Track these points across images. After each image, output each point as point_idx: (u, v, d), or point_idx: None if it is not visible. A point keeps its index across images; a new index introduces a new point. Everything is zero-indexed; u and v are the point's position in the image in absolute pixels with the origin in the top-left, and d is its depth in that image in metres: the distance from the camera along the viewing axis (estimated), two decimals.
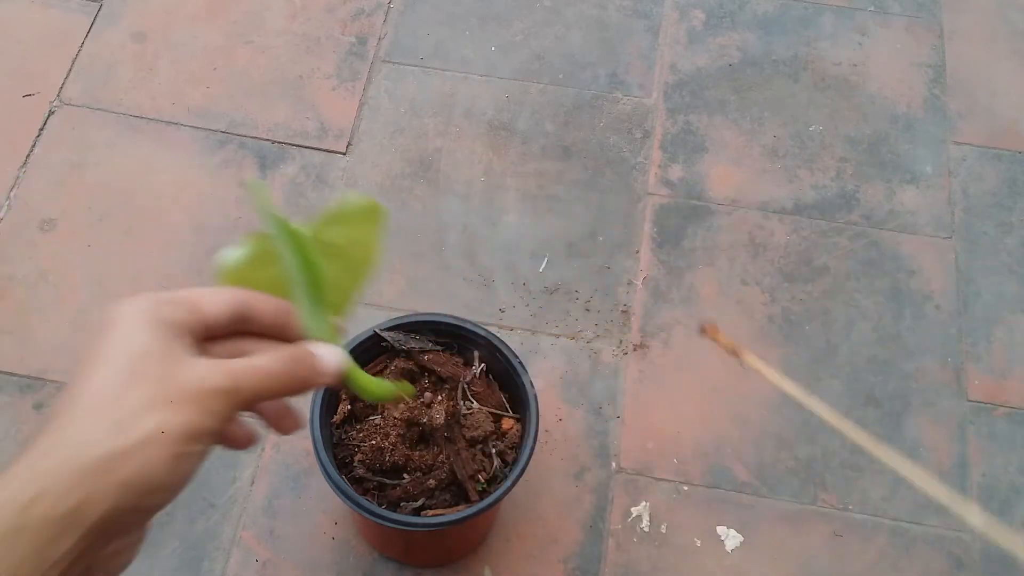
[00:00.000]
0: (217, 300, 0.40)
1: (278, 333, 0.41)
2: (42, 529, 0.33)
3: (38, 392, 0.75)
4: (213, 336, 0.39)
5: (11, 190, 0.85)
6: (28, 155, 0.87)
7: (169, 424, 0.35)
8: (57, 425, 0.35)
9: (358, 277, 0.43)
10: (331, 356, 0.40)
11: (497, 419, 0.63)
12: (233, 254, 0.40)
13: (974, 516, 0.70)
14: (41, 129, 0.88)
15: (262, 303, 0.41)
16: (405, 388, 0.45)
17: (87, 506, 0.34)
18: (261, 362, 0.38)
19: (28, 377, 0.76)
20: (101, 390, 0.36)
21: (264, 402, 0.40)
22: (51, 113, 0.89)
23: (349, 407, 0.61)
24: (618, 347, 0.79)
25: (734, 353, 0.48)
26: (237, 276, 0.41)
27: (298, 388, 0.40)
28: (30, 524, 0.33)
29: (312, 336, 0.40)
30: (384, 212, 0.41)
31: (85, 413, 0.35)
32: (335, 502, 0.71)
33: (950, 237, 0.87)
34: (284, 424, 0.42)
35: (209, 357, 0.38)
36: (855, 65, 0.96)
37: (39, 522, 0.33)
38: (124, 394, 0.36)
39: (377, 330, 0.62)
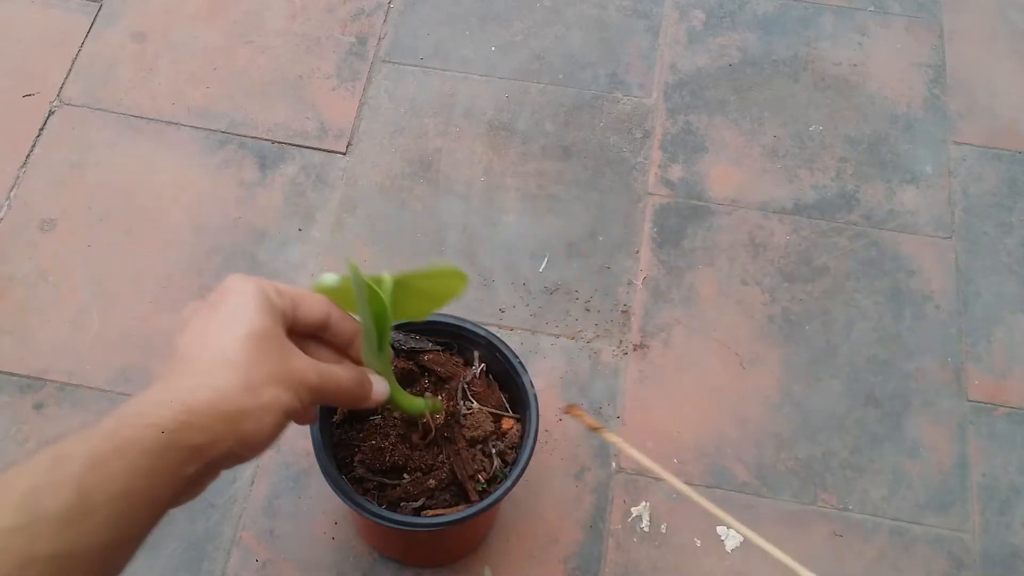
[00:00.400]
0: (314, 306, 0.48)
1: (341, 348, 0.50)
2: (182, 452, 0.40)
3: (38, 392, 0.75)
4: (294, 331, 0.47)
5: (11, 190, 0.85)
6: (28, 155, 0.87)
7: (280, 399, 0.43)
8: (194, 368, 0.42)
9: (437, 305, 0.53)
10: (381, 388, 0.51)
11: (497, 419, 0.63)
12: (330, 279, 0.49)
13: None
14: (41, 129, 0.88)
15: (341, 321, 0.49)
16: (436, 406, 0.55)
17: (214, 444, 0.41)
18: (340, 373, 0.48)
19: (28, 377, 0.76)
20: (235, 353, 0.43)
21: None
22: (51, 113, 0.89)
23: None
24: (618, 347, 0.79)
25: (596, 430, 0.54)
26: (329, 295, 0.50)
27: (351, 403, 0.50)
28: (176, 446, 0.40)
29: (369, 364, 0.50)
30: (466, 277, 0.51)
31: (223, 367, 0.43)
32: (335, 502, 0.71)
33: (950, 237, 0.87)
34: (308, 416, 0.52)
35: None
36: (855, 65, 0.96)
37: (183, 446, 0.40)
38: (255, 365, 0.43)
39: None
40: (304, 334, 0.48)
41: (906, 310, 0.83)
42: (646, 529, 0.72)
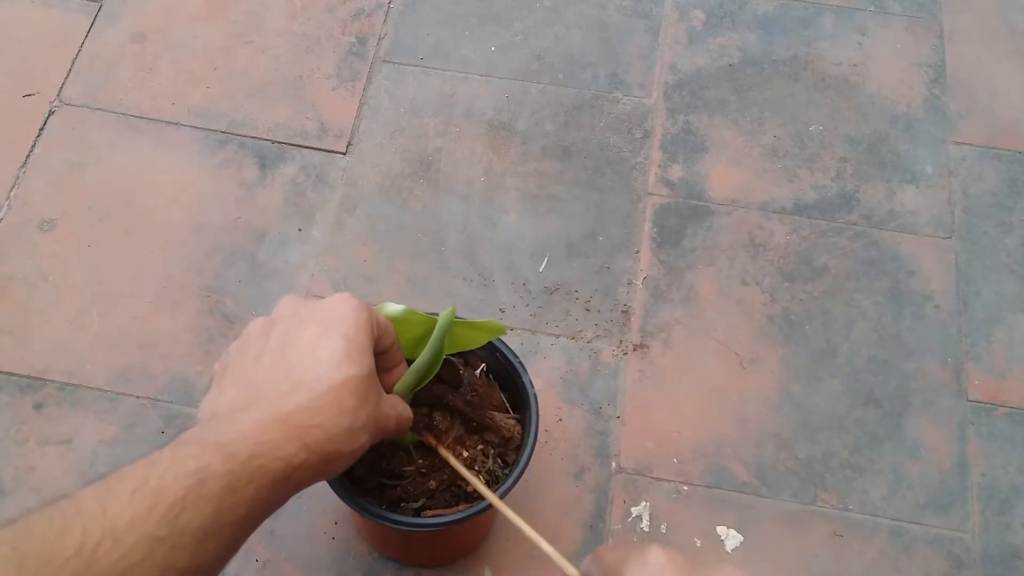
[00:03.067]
0: (389, 334, 0.52)
1: (383, 371, 0.53)
2: (290, 487, 0.44)
3: (38, 392, 0.75)
4: None
5: (11, 190, 0.85)
6: (28, 155, 0.87)
7: (365, 444, 0.47)
8: (311, 401, 0.45)
9: (468, 346, 0.60)
10: (410, 420, 0.54)
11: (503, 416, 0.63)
12: (393, 309, 0.54)
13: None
14: (41, 129, 0.88)
15: (396, 352, 0.53)
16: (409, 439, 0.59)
17: (312, 480, 0.45)
18: (402, 413, 0.52)
19: (28, 377, 0.76)
20: (348, 396, 0.46)
21: None
22: (51, 113, 0.89)
23: None
24: (618, 347, 0.79)
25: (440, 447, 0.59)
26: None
27: (393, 437, 0.53)
28: (289, 480, 0.43)
29: (399, 391, 0.55)
30: (503, 329, 0.58)
31: (336, 409, 0.45)
32: (335, 502, 0.71)
33: (950, 237, 0.87)
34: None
35: None
36: (855, 65, 0.96)
37: (292, 482, 0.44)
38: (359, 409, 0.46)
39: None
40: None
41: (906, 310, 0.83)
42: (646, 529, 0.72)
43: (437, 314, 0.55)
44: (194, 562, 0.39)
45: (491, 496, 0.56)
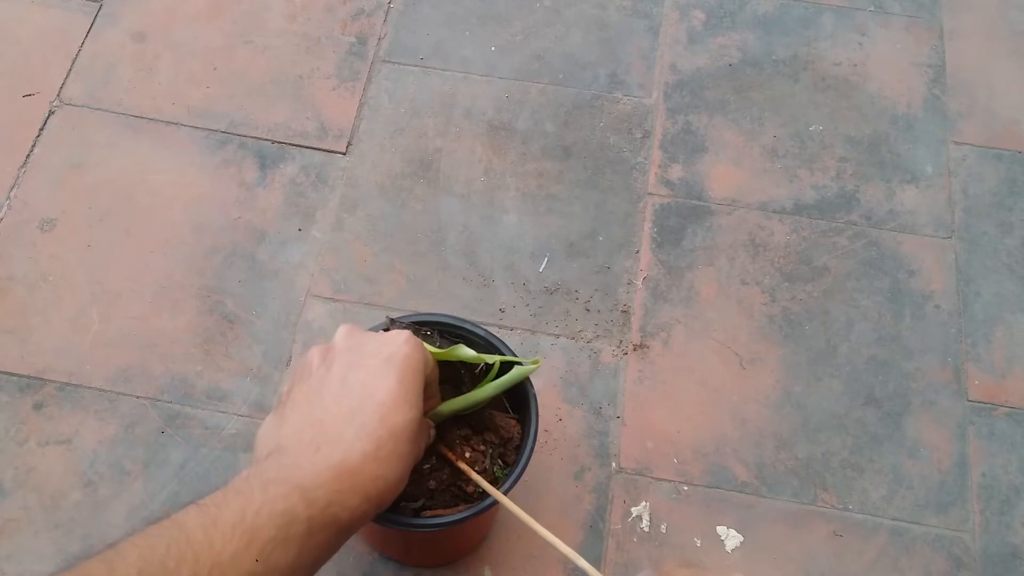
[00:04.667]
0: (434, 373, 0.54)
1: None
2: (350, 534, 0.47)
3: (38, 392, 0.75)
4: None
5: (11, 190, 0.85)
6: (28, 155, 0.87)
7: (401, 487, 0.49)
8: (375, 449, 0.47)
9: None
10: (432, 435, 0.58)
11: (505, 416, 0.63)
12: (467, 352, 0.57)
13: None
14: (41, 129, 0.88)
15: (435, 387, 0.56)
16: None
17: (381, 507, 0.48)
18: (429, 434, 0.56)
19: (28, 377, 0.76)
20: (403, 444, 0.48)
21: None
22: (51, 113, 0.89)
23: None
24: (618, 347, 0.79)
25: None
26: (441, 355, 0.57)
27: None
28: (350, 529, 0.46)
29: (443, 412, 0.58)
30: (535, 370, 0.60)
31: (394, 458, 0.47)
32: None
33: (950, 237, 0.87)
34: None
35: None
36: (855, 65, 0.96)
37: (353, 529, 0.47)
38: (408, 455, 0.49)
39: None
40: None
41: (906, 310, 0.83)
42: (646, 529, 0.72)
43: (475, 330, 0.60)
44: None
45: (524, 516, 0.55)
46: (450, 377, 0.62)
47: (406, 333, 0.51)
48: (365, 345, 0.51)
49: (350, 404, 0.48)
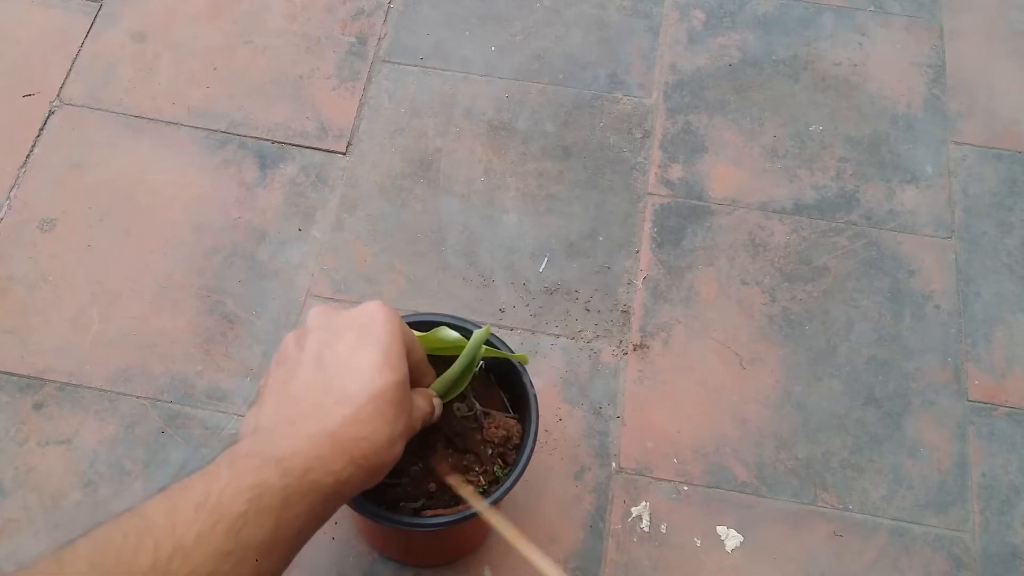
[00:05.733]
0: (418, 350, 0.53)
1: (414, 384, 0.53)
2: (339, 500, 0.45)
3: (38, 392, 0.75)
4: None
5: (11, 190, 0.85)
6: (28, 155, 0.87)
7: (401, 450, 0.48)
8: (355, 412, 0.45)
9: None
10: (439, 408, 0.56)
11: (502, 415, 0.63)
12: (449, 334, 0.57)
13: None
14: (41, 129, 0.88)
15: (426, 366, 0.55)
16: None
17: (356, 492, 0.46)
18: (427, 410, 0.54)
19: (28, 377, 0.76)
20: (387, 406, 0.46)
21: None
22: (51, 113, 0.89)
23: None
24: (618, 347, 0.79)
25: None
26: (424, 337, 0.57)
27: (427, 424, 0.55)
28: (339, 494, 0.44)
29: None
30: (526, 359, 0.61)
31: (378, 419, 0.46)
32: None
33: (950, 237, 0.87)
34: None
35: None
36: (855, 65, 0.96)
37: (342, 495, 0.45)
38: (397, 419, 0.47)
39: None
40: None
41: (906, 310, 0.83)
42: (646, 529, 0.72)
43: (469, 329, 0.58)
44: (258, 573, 0.40)
45: (506, 529, 0.55)
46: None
47: (378, 303, 0.50)
48: (338, 320, 0.50)
49: (326, 375, 0.47)
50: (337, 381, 0.47)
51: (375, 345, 0.48)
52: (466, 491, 0.57)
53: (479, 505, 0.56)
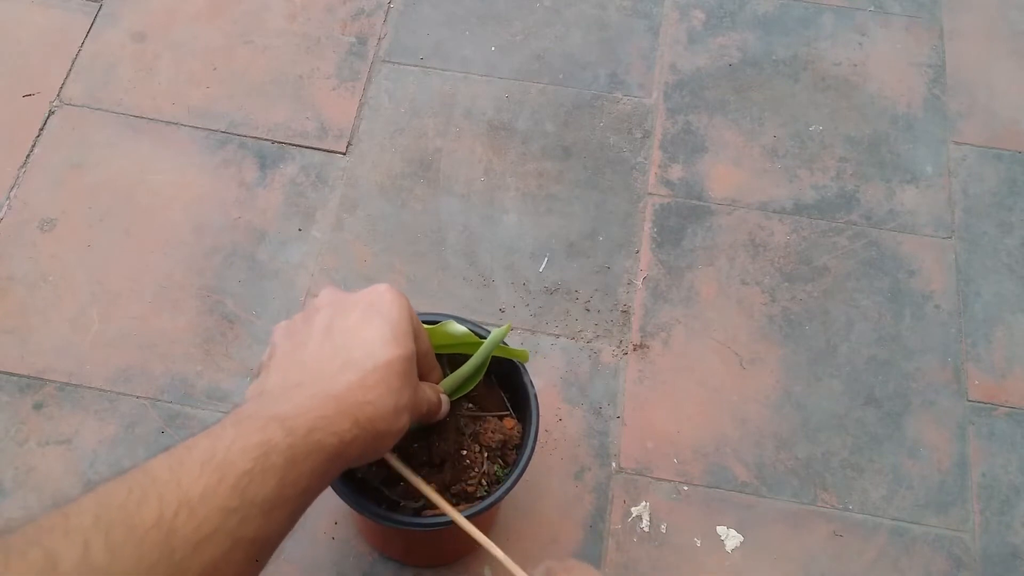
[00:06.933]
0: (425, 339, 0.53)
1: (421, 375, 0.54)
2: (344, 461, 0.45)
3: (38, 392, 0.75)
4: None
5: (11, 190, 0.85)
6: (28, 155, 0.87)
7: (406, 424, 0.48)
8: (362, 379, 0.46)
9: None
10: (447, 405, 0.57)
11: (498, 420, 0.63)
12: (457, 328, 0.58)
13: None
14: (41, 129, 0.88)
15: (432, 358, 0.55)
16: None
17: (362, 457, 0.47)
18: (435, 399, 0.54)
19: (28, 377, 0.76)
20: (394, 375, 0.47)
21: None
22: (51, 113, 0.89)
23: None
24: (618, 347, 0.79)
25: None
26: (432, 330, 0.57)
27: (428, 421, 0.56)
28: (343, 455, 0.44)
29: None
30: (527, 355, 0.61)
31: (384, 388, 0.47)
32: (335, 502, 0.71)
33: (950, 237, 0.87)
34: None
35: None
36: (855, 65, 0.96)
37: (346, 456, 0.45)
38: (403, 390, 0.48)
39: None
40: None
41: (906, 310, 0.83)
42: (646, 529, 0.72)
43: (467, 324, 0.59)
44: (261, 533, 0.40)
45: (479, 535, 0.55)
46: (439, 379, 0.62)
47: (386, 285, 0.51)
48: (347, 298, 0.51)
49: (334, 344, 0.48)
50: (344, 350, 0.47)
51: (383, 319, 0.49)
52: (431, 493, 0.57)
53: (430, 494, 0.56)
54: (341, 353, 0.48)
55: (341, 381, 0.46)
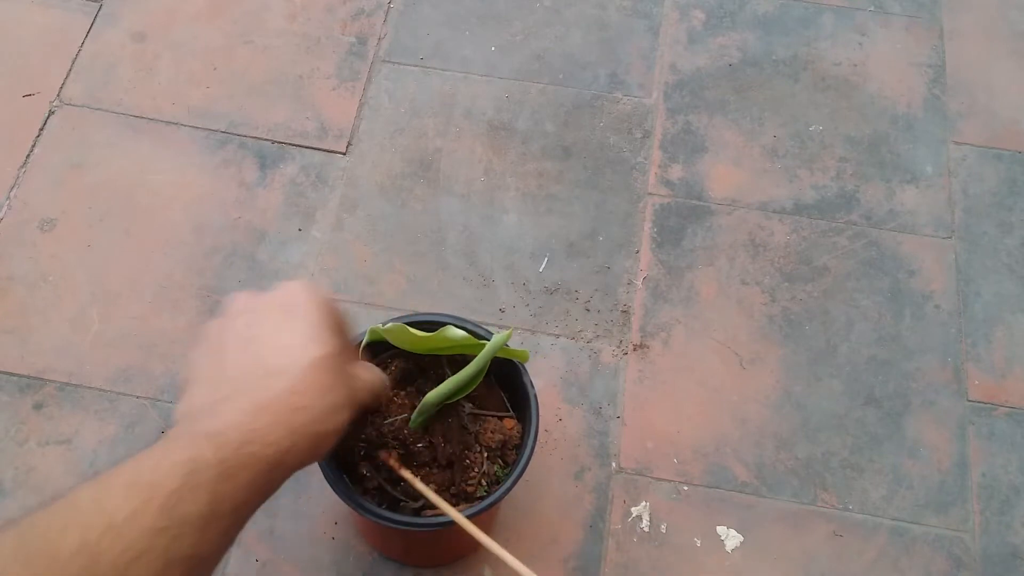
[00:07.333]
0: (348, 335, 0.51)
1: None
2: (284, 470, 0.44)
3: (38, 392, 0.75)
4: None
5: (11, 190, 0.85)
6: (28, 155, 0.87)
7: (346, 419, 0.47)
8: (291, 384, 0.45)
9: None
10: (384, 386, 0.55)
11: (498, 420, 0.63)
12: (455, 333, 0.56)
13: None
14: (41, 129, 0.88)
15: (356, 355, 0.54)
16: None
17: (303, 462, 0.45)
18: (375, 382, 0.53)
19: (28, 377, 0.76)
20: (323, 374, 0.46)
21: None
22: (51, 113, 0.89)
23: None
24: (618, 347, 0.79)
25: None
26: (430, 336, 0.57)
27: (379, 399, 0.55)
28: (282, 464, 0.44)
29: (432, 402, 0.57)
30: (527, 355, 0.60)
31: (316, 389, 0.46)
32: (335, 501, 0.71)
33: (950, 237, 0.87)
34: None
35: None
36: (855, 65, 0.96)
37: (286, 465, 0.44)
38: (336, 387, 0.47)
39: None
40: None
41: (906, 310, 0.83)
42: (646, 529, 0.72)
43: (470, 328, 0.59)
44: (197, 551, 0.39)
45: (480, 534, 0.55)
46: (439, 379, 0.62)
47: (297, 282, 0.50)
48: (260, 303, 0.50)
49: (256, 353, 0.47)
50: (268, 359, 0.46)
51: (301, 320, 0.48)
52: (429, 492, 0.57)
53: (446, 507, 0.56)
54: (266, 361, 0.46)
55: (271, 390, 0.45)
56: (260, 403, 0.44)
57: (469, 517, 0.57)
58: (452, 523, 0.57)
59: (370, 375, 0.53)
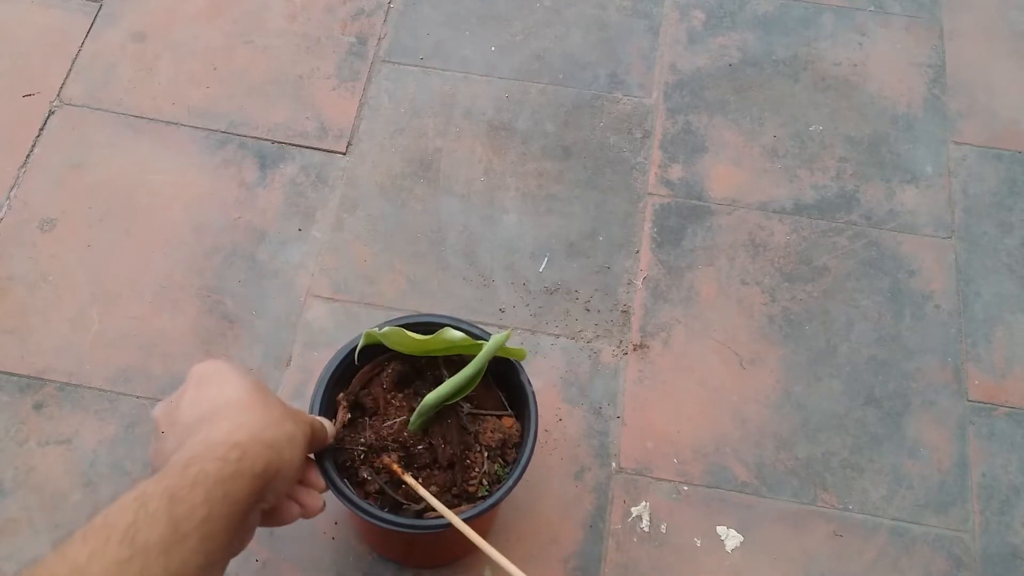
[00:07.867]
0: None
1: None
2: (247, 479, 0.46)
3: (38, 392, 0.75)
4: None
5: (11, 190, 0.85)
6: (28, 155, 0.87)
7: (297, 431, 0.51)
8: (219, 419, 0.48)
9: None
10: (331, 430, 0.58)
11: (497, 419, 0.63)
12: (453, 334, 0.58)
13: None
14: (41, 129, 0.88)
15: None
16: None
17: (268, 468, 0.47)
18: (320, 426, 0.56)
19: (28, 377, 0.76)
20: (249, 399, 0.50)
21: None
22: (51, 113, 0.89)
23: (348, 414, 0.61)
24: (618, 347, 0.79)
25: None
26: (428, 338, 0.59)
27: (320, 446, 0.57)
28: (241, 473, 0.46)
29: (431, 403, 0.58)
30: (524, 354, 0.62)
31: (246, 410, 0.49)
32: (334, 502, 0.71)
33: (950, 237, 0.87)
34: (313, 503, 0.55)
35: None
36: (855, 65, 0.96)
37: (247, 473, 0.46)
38: (268, 407, 0.50)
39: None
40: None
41: (906, 310, 0.83)
42: (646, 529, 0.72)
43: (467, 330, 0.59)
44: (169, 571, 0.41)
45: (479, 540, 0.55)
46: (435, 380, 0.62)
47: (202, 361, 0.54)
48: (179, 394, 0.53)
49: (197, 411, 0.50)
50: (206, 412, 0.50)
51: (215, 373, 0.52)
52: (430, 496, 0.57)
53: (445, 511, 0.56)
54: (202, 412, 0.50)
55: (202, 430, 0.48)
56: (200, 439, 0.47)
57: (472, 518, 0.57)
58: (449, 525, 0.57)
59: (309, 421, 0.55)
